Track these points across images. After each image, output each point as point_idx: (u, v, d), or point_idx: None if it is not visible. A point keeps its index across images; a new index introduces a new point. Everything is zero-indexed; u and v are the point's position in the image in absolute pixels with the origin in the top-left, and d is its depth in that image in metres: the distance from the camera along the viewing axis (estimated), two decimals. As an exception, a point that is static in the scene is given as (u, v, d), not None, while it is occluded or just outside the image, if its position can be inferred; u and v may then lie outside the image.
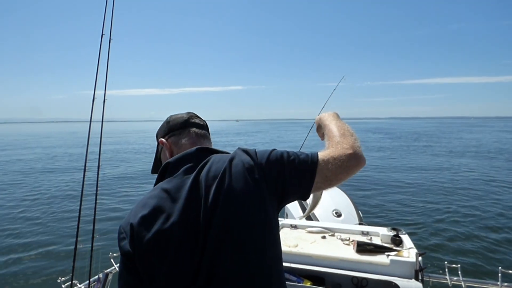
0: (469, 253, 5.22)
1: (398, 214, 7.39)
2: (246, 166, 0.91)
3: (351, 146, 0.96)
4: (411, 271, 1.82)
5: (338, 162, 0.92)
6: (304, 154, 0.95)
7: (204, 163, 0.95)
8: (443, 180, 11.32)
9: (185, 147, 1.05)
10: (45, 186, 10.93)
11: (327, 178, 0.93)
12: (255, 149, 0.98)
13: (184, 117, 1.13)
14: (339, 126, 1.08)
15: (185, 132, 1.10)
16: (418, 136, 37.89)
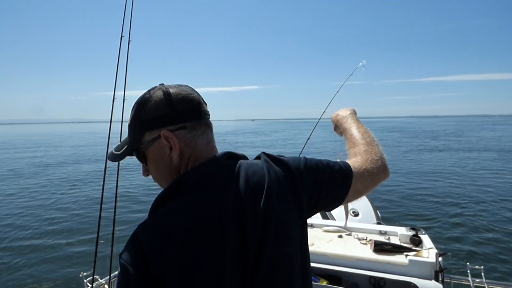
0: (491, 255, 5.08)
1: (417, 213, 7.26)
2: (286, 177, 0.79)
3: (380, 158, 0.93)
4: (431, 272, 1.78)
5: (370, 175, 0.89)
6: (337, 165, 0.88)
7: (237, 173, 0.75)
8: (464, 180, 11.05)
9: (201, 147, 0.78)
10: (67, 187, 11.24)
11: (358, 190, 0.88)
12: (283, 156, 0.85)
13: (196, 98, 0.80)
14: (362, 132, 1.02)
15: (200, 125, 0.79)
16: (436, 135, 37.09)
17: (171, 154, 0.75)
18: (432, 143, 26.72)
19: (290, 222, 0.75)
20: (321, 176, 0.83)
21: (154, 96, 0.77)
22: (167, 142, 0.75)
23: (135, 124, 0.78)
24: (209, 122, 0.82)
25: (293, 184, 0.79)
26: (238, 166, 0.77)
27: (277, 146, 27.90)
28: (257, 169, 0.77)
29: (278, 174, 0.78)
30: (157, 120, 0.75)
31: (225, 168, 0.75)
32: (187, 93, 0.79)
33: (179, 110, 0.76)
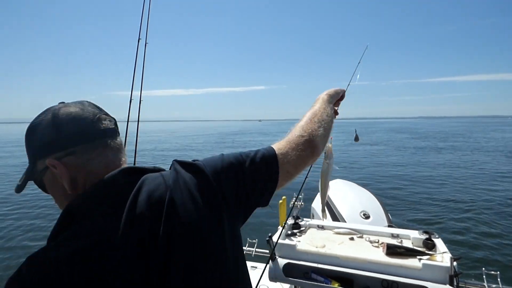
0: (508, 260, 5.00)
1: (430, 217, 7.18)
2: (198, 184, 0.70)
3: (309, 133, 0.88)
4: (445, 276, 1.76)
5: (296, 153, 0.84)
6: (259, 152, 0.81)
7: (136, 191, 0.66)
8: (476, 183, 10.91)
9: (97, 172, 0.70)
10: None
11: (288, 172, 0.83)
12: (197, 160, 0.77)
13: (89, 117, 0.71)
14: (314, 111, 0.98)
15: (94, 148, 0.71)
16: (446, 136, 36.73)
17: (63, 182, 0.69)
18: (441, 145, 26.46)
19: (203, 232, 0.67)
20: (242, 170, 0.77)
21: (45, 119, 0.70)
22: (56, 171, 0.68)
23: (28, 152, 0.73)
24: (107, 142, 0.73)
25: (209, 189, 0.71)
26: (140, 182, 0.68)
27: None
28: (160, 180, 0.69)
29: (188, 182, 0.70)
30: (45, 148, 0.69)
31: (121, 188, 0.67)
32: (78, 113, 0.71)
33: (66, 134, 0.69)
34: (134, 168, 0.72)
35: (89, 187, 0.68)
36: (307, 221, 2.56)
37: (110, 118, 0.76)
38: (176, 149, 26.58)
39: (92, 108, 0.75)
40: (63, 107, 0.72)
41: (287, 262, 2.02)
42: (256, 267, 2.81)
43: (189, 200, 0.67)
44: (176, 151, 24.47)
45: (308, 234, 2.38)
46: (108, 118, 0.76)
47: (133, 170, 0.72)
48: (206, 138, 41.98)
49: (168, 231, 0.63)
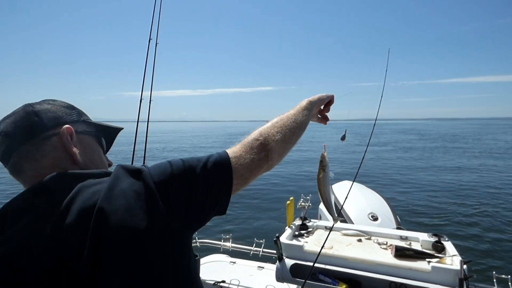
0: None
1: (440, 219, 7.10)
2: (134, 192, 0.64)
3: (264, 137, 0.84)
4: (455, 280, 1.74)
5: (250, 157, 0.80)
6: (212, 157, 0.76)
7: (69, 200, 0.62)
8: (488, 185, 10.76)
9: (26, 183, 0.73)
10: None
11: (243, 176, 0.78)
12: (144, 165, 0.72)
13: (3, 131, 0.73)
14: (283, 116, 0.96)
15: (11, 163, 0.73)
16: (455, 138, 36.34)
17: (58, 152, 0.74)
18: (450, 146, 26.16)
19: (136, 244, 0.61)
20: (192, 176, 0.71)
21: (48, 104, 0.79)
22: (61, 136, 0.75)
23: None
24: (12, 163, 0.72)
25: (150, 196, 0.64)
26: (76, 190, 0.64)
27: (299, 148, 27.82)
28: (99, 188, 0.64)
29: (126, 189, 0.64)
30: (57, 114, 0.78)
31: (51, 196, 0.64)
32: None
33: (78, 111, 0.82)
34: (73, 174, 0.69)
35: (17, 195, 0.67)
36: (315, 222, 2.56)
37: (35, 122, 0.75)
38: (186, 149, 26.80)
39: (13, 118, 0.75)
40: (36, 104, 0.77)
41: (294, 263, 2.02)
42: (263, 267, 2.81)
43: (122, 209, 0.61)
44: (185, 151, 24.68)
45: (315, 235, 2.38)
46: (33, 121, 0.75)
47: (75, 176, 0.68)
48: (215, 138, 42.22)
49: (94, 243, 0.58)
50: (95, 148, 0.81)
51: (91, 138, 0.81)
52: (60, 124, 0.75)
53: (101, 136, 0.86)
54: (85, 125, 0.82)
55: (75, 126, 0.77)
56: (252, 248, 2.67)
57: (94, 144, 0.82)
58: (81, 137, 0.78)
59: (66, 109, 0.79)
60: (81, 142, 0.77)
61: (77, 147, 0.75)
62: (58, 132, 0.74)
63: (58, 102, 0.79)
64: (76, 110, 0.82)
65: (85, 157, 0.76)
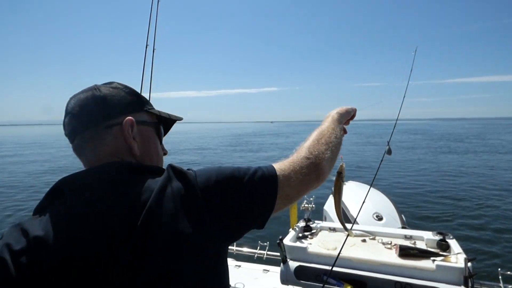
0: None
1: (443, 218, 7.08)
2: (181, 196, 0.66)
3: (315, 156, 0.81)
4: (460, 278, 1.73)
5: (299, 177, 0.77)
6: (260, 171, 0.75)
7: (123, 190, 0.66)
8: (490, 183, 10.73)
9: (86, 163, 0.77)
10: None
11: (288, 196, 0.77)
12: (191, 169, 0.73)
13: (67, 110, 0.78)
14: (321, 131, 0.92)
15: (75, 145, 0.79)
16: (460, 138, 36.20)
17: (117, 141, 0.77)
18: (455, 146, 26.06)
19: (177, 247, 0.63)
20: (238, 188, 0.70)
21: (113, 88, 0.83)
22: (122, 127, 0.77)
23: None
24: (75, 144, 0.76)
25: (194, 203, 0.66)
26: (131, 182, 0.68)
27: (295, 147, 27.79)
28: (152, 186, 0.67)
29: (175, 192, 0.66)
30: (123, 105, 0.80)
31: (105, 182, 0.67)
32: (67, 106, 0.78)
33: (143, 98, 0.83)
34: (135, 167, 0.72)
35: (77, 172, 0.71)
36: (319, 223, 2.55)
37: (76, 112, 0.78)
38: (192, 150, 26.88)
39: (74, 101, 0.78)
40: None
41: (299, 265, 2.02)
42: (268, 270, 2.81)
43: (169, 213, 0.63)
44: (192, 151, 24.75)
45: (319, 236, 2.37)
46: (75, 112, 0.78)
47: (128, 167, 0.71)
48: (220, 139, 42.39)
49: (139, 238, 0.61)
50: (152, 140, 0.82)
51: (150, 129, 0.82)
52: (124, 114, 0.76)
53: (160, 127, 0.86)
54: (147, 116, 0.82)
55: (136, 117, 0.78)
56: (256, 251, 2.67)
57: (153, 135, 0.83)
58: (141, 128, 0.79)
59: (131, 97, 0.80)
60: (141, 133, 0.79)
61: (136, 139, 0.77)
62: (121, 122, 0.75)
63: (124, 88, 0.80)
64: (140, 99, 0.83)
65: (142, 149, 0.78)
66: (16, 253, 0.60)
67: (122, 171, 0.70)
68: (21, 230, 0.63)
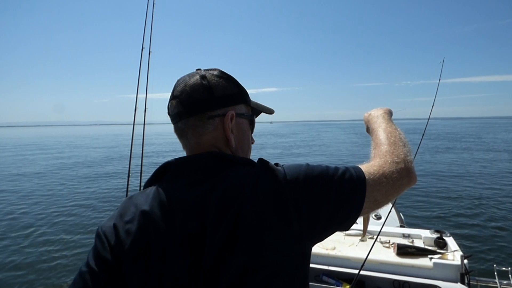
0: None
1: (441, 216, 7.14)
2: (271, 194, 0.67)
3: (403, 160, 0.79)
4: (456, 275, 1.75)
5: (389, 181, 0.75)
6: (348, 172, 0.73)
7: (218, 180, 0.71)
8: (486, 181, 10.87)
9: (186, 150, 0.82)
10: (96, 186, 11.62)
11: (376, 200, 0.75)
12: (282, 166, 0.74)
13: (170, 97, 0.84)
14: (389, 132, 0.90)
15: (176, 128, 0.83)
16: (456, 137, 36.51)
17: (217, 131, 0.81)
18: (451, 145, 26.28)
19: (260, 243, 0.65)
20: (326, 189, 0.70)
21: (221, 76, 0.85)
22: (226, 118, 0.81)
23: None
24: (178, 127, 0.81)
25: (284, 203, 0.67)
26: (225, 173, 0.72)
27: (297, 147, 27.82)
28: (244, 180, 0.70)
29: (264, 186, 0.68)
30: (231, 95, 0.83)
31: (203, 170, 0.73)
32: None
33: (245, 92, 0.86)
34: (224, 157, 0.76)
35: (182, 157, 0.78)
36: None
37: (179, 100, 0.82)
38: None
39: (175, 92, 0.83)
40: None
41: None
42: None
43: (259, 209, 0.66)
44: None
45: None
46: (178, 99, 0.82)
47: (224, 158, 0.75)
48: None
49: (229, 228, 0.65)
50: (246, 132, 0.85)
51: (246, 121, 0.84)
52: (226, 106, 0.79)
53: (254, 118, 0.89)
54: (245, 108, 0.85)
55: (236, 109, 0.81)
56: None
57: (247, 127, 0.85)
58: (239, 121, 0.82)
59: (234, 89, 0.82)
60: (238, 126, 0.81)
61: (234, 131, 0.80)
62: (223, 114, 0.78)
63: (228, 79, 0.82)
64: (241, 91, 0.84)
65: (237, 141, 0.81)
66: (126, 222, 0.71)
67: (218, 161, 0.74)
68: (132, 203, 0.74)
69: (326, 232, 0.73)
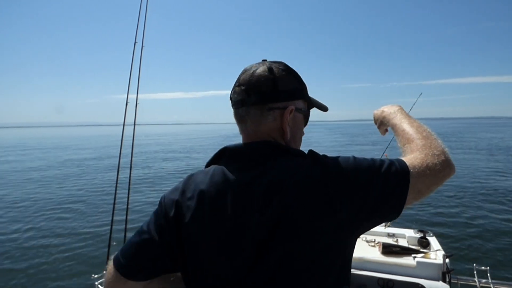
0: (498, 256, 5.13)
1: (426, 216, 7.31)
2: (321, 181, 0.71)
3: (442, 152, 0.82)
4: (438, 273, 1.81)
5: (433, 172, 0.77)
6: (394, 165, 0.76)
7: (269, 168, 0.76)
8: (469, 181, 11.18)
9: (243, 136, 0.87)
10: (88, 185, 11.50)
11: (420, 191, 0.77)
12: (331, 158, 0.77)
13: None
14: (417, 127, 0.92)
15: (236, 115, 0.88)
16: (439, 137, 37.81)
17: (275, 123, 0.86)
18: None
19: (309, 230, 0.69)
20: (372, 181, 0.72)
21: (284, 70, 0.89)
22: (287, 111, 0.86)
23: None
24: (239, 112, 0.85)
25: (327, 189, 0.70)
26: (276, 162, 0.77)
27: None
28: (292, 168, 0.74)
29: (312, 176, 0.71)
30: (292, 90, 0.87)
31: (259, 156, 0.78)
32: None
33: (305, 87, 0.91)
34: (279, 147, 0.80)
35: (240, 143, 0.85)
36: None
37: (239, 89, 0.85)
38: (181, 151, 26.72)
39: (239, 81, 0.87)
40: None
41: None
42: None
43: (303, 197, 0.70)
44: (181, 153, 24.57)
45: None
46: (238, 89, 0.86)
47: (278, 148, 0.80)
48: (211, 140, 42.29)
49: (274, 214, 0.70)
50: (300, 126, 0.89)
51: (301, 115, 0.88)
52: (287, 100, 0.83)
53: (309, 113, 0.93)
54: (303, 103, 0.89)
55: (295, 104, 0.85)
56: None
57: (302, 121, 0.89)
58: (296, 115, 0.85)
59: (296, 84, 0.86)
60: (294, 119, 0.85)
61: (290, 124, 0.84)
62: (283, 107, 0.82)
63: (292, 74, 0.86)
64: (302, 86, 0.89)
65: (292, 133, 0.85)
66: (187, 199, 0.78)
67: (271, 149, 0.79)
68: (192, 181, 0.81)
69: (371, 223, 0.77)
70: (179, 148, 30.22)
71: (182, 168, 16.10)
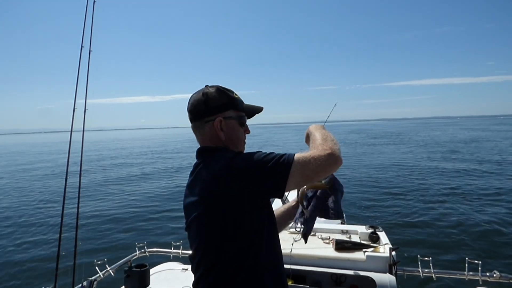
0: (441, 247, 5.50)
1: (378, 212, 7.70)
2: (226, 169, 1.01)
3: (330, 148, 1.05)
4: (385, 266, 1.90)
5: (318, 162, 1.00)
6: (284, 156, 1.02)
7: (204, 161, 1.11)
8: (418, 175, 11.99)
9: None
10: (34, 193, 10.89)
11: (307, 176, 1.02)
12: (236, 153, 1.08)
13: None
14: (322, 133, 1.16)
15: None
16: (393, 136, 40.25)
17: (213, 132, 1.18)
18: (385, 141, 29.39)
19: (189, 211, 1.09)
20: (261, 164, 0.99)
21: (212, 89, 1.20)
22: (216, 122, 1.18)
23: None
24: (191, 127, 1.20)
25: (225, 175, 1.01)
26: (209, 159, 1.10)
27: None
28: (218, 162, 1.05)
29: (219, 166, 1.03)
30: (217, 104, 1.17)
31: (199, 155, 1.15)
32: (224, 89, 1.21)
33: (236, 98, 1.20)
34: (212, 149, 1.15)
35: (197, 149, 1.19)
36: None
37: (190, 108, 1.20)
38: (140, 155, 26.05)
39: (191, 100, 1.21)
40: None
41: None
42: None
43: (220, 181, 1.01)
44: (139, 157, 23.90)
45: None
46: (190, 108, 1.20)
47: (212, 150, 1.14)
48: (179, 144, 41.76)
49: (195, 195, 1.07)
50: (236, 129, 1.18)
51: (234, 121, 1.17)
52: (217, 113, 1.14)
53: (242, 117, 1.20)
54: (233, 112, 1.17)
55: (225, 114, 1.15)
56: (181, 251, 2.64)
57: (236, 125, 1.18)
58: (228, 122, 1.15)
59: (224, 99, 1.16)
60: (227, 125, 1.15)
61: (224, 129, 1.15)
62: (214, 119, 1.14)
63: (221, 92, 1.16)
64: (232, 100, 1.17)
65: (227, 136, 1.15)
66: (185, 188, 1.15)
67: (201, 153, 1.16)
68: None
69: (258, 195, 1.03)
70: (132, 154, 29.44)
71: (132, 174, 15.69)
